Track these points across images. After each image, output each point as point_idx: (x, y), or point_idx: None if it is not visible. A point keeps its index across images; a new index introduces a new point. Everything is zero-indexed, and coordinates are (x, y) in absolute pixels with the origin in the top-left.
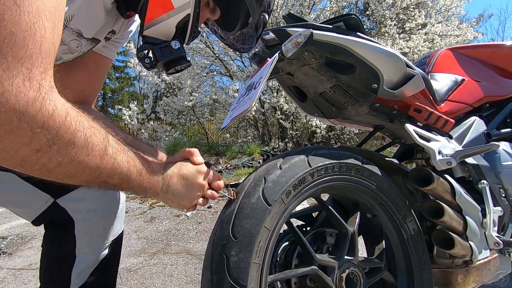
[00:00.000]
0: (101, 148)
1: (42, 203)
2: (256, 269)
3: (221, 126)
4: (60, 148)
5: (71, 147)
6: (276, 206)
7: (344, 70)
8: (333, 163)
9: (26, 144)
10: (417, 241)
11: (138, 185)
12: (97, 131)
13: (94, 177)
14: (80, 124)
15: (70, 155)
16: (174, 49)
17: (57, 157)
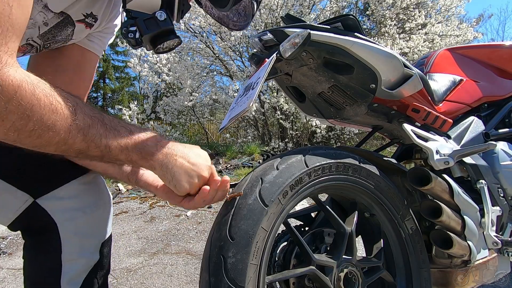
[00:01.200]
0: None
1: (20, 203)
2: (254, 270)
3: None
4: (14, 122)
5: (25, 123)
6: (273, 206)
7: (342, 71)
8: (330, 163)
9: None
10: (415, 241)
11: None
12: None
13: (64, 149)
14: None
15: (26, 129)
16: (160, 21)
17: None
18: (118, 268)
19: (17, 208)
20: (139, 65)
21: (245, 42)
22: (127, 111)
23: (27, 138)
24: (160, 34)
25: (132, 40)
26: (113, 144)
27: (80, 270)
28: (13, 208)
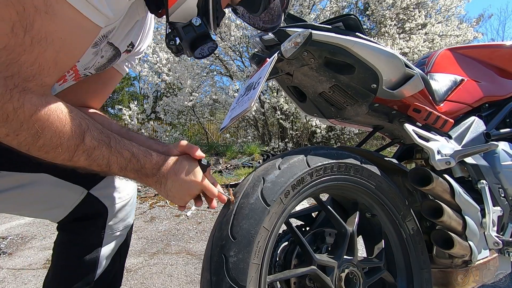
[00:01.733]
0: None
1: (77, 196)
2: (255, 270)
3: (220, 126)
4: (27, 138)
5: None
6: (275, 206)
7: (343, 70)
8: (332, 163)
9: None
10: (416, 241)
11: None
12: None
13: (69, 165)
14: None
15: (36, 146)
16: (195, 26)
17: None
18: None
19: (75, 200)
20: (139, 65)
21: (245, 42)
22: (127, 111)
23: (37, 151)
24: (197, 38)
25: (174, 48)
26: (113, 165)
27: (113, 248)
28: (70, 201)
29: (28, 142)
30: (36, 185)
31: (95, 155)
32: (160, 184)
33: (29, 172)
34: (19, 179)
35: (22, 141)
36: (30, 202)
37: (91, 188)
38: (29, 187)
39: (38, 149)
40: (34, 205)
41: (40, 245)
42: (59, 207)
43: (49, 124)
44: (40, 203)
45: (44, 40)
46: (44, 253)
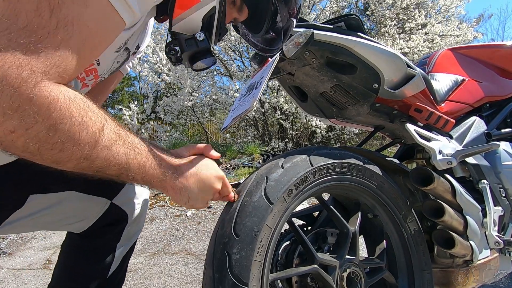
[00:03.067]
0: (91, 139)
1: (101, 207)
2: (258, 267)
3: (221, 126)
4: (38, 133)
5: (52, 135)
6: (278, 204)
7: (345, 70)
8: (334, 163)
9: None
10: (418, 242)
11: (141, 178)
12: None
13: (84, 166)
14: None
15: (50, 142)
16: (198, 41)
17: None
18: None
19: (99, 211)
20: (139, 65)
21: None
22: (127, 111)
23: (49, 150)
24: (198, 52)
25: (173, 57)
26: (132, 161)
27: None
28: (95, 213)
29: (40, 139)
30: (63, 203)
31: (114, 150)
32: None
33: (56, 192)
34: (47, 200)
35: (33, 137)
36: (58, 219)
37: (113, 198)
38: (56, 206)
39: (52, 147)
40: (60, 222)
41: (40, 245)
42: (83, 220)
43: (69, 115)
44: (66, 219)
45: (70, 26)
46: (44, 253)
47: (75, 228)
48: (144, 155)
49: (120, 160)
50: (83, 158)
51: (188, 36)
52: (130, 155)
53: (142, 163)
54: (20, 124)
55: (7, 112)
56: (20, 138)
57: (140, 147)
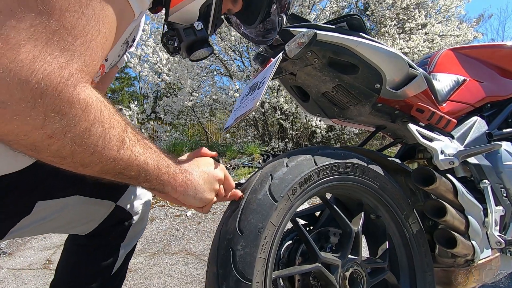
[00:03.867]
0: (118, 139)
1: (106, 210)
2: (262, 264)
3: (221, 126)
4: (74, 137)
5: (87, 137)
6: (283, 202)
7: (347, 70)
8: (338, 163)
9: (37, 128)
10: (420, 244)
11: (155, 177)
12: (117, 122)
13: (109, 168)
14: (100, 114)
15: (85, 145)
16: (197, 30)
17: (70, 145)
18: None
19: (104, 214)
20: (139, 65)
21: (245, 42)
22: (127, 111)
23: (81, 154)
24: (196, 42)
25: (171, 47)
26: (150, 161)
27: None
28: (100, 215)
29: (75, 142)
30: (70, 207)
31: (135, 151)
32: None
33: (62, 198)
34: (54, 205)
35: (69, 141)
36: (64, 223)
37: (118, 200)
38: (63, 211)
39: (84, 150)
40: (67, 225)
41: (40, 245)
42: (88, 222)
43: (101, 117)
44: (73, 222)
45: (96, 22)
46: (44, 253)
47: (81, 231)
48: (157, 154)
49: (140, 160)
50: (111, 160)
51: (186, 26)
52: (147, 155)
53: (156, 162)
54: (59, 128)
55: (49, 116)
56: (57, 142)
57: (152, 146)
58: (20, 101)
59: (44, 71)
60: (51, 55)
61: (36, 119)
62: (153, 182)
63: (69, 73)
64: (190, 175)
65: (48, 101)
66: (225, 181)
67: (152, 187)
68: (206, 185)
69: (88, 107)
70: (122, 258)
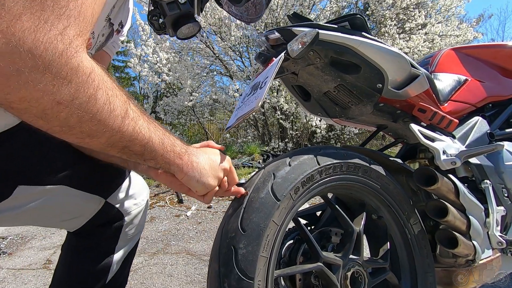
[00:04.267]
0: (122, 109)
1: (95, 205)
2: (264, 263)
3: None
4: (81, 103)
5: (93, 104)
6: (285, 201)
7: (349, 70)
8: (341, 163)
9: (48, 94)
10: (422, 244)
11: (161, 155)
12: (119, 93)
13: (115, 140)
14: (103, 83)
15: (91, 112)
16: (180, 4)
17: (78, 112)
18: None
19: (93, 210)
20: (139, 65)
21: (245, 42)
22: None
23: (88, 122)
24: (181, 16)
25: (156, 23)
26: (154, 137)
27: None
28: (89, 211)
29: (83, 108)
30: (55, 198)
31: (140, 124)
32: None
33: (47, 185)
34: (37, 193)
35: (76, 108)
36: (50, 215)
37: (108, 197)
38: (47, 201)
39: (91, 119)
40: (53, 218)
41: (40, 245)
42: (77, 217)
43: (104, 85)
44: (59, 215)
45: None
46: (44, 253)
47: (69, 226)
48: (161, 131)
49: (144, 134)
50: (116, 130)
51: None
52: (151, 130)
53: (161, 139)
54: (67, 94)
55: (58, 82)
56: (65, 109)
57: (156, 124)
58: (32, 68)
59: (48, 39)
60: (50, 22)
61: (46, 86)
62: (159, 160)
63: (69, 40)
64: (196, 158)
65: (56, 67)
66: (229, 173)
67: (158, 166)
68: (211, 171)
69: (92, 74)
70: (119, 264)
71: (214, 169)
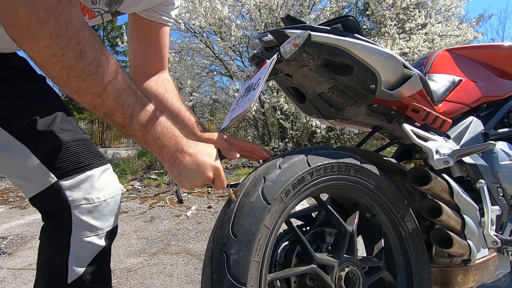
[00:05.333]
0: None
1: (45, 181)
2: (256, 267)
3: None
4: (70, 60)
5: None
6: (276, 205)
7: (342, 71)
8: (332, 163)
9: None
10: (416, 241)
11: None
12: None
13: (96, 103)
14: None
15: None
16: None
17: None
18: (118, 268)
19: (41, 185)
20: None
21: (245, 42)
22: None
23: (74, 78)
24: None
25: None
26: (136, 117)
27: (86, 254)
28: (38, 184)
29: (71, 65)
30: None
31: (123, 99)
32: (175, 160)
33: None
34: None
35: (66, 64)
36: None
37: (61, 179)
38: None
39: (77, 75)
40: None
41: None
42: (27, 183)
43: (92, 46)
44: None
45: None
46: None
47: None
48: (149, 115)
49: (126, 111)
50: (97, 94)
51: None
52: (136, 109)
53: (145, 122)
54: (59, 48)
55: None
56: (57, 63)
57: (148, 108)
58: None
59: None
60: None
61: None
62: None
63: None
64: (183, 157)
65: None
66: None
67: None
68: (190, 174)
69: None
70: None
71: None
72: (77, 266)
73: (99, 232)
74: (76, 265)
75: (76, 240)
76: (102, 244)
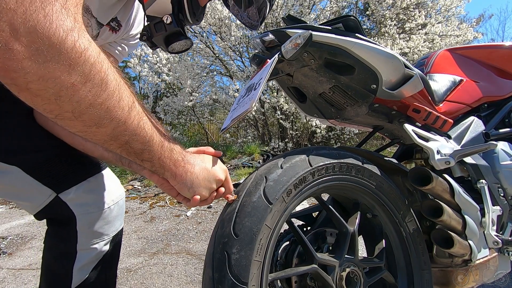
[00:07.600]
0: (129, 100)
1: (45, 197)
2: (257, 267)
3: (221, 127)
4: (93, 87)
5: (104, 88)
6: (277, 204)
7: (343, 71)
8: (333, 163)
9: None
10: (417, 242)
11: (158, 158)
12: (124, 85)
13: (119, 132)
14: (111, 69)
15: (101, 97)
16: (166, 24)
17: (89, 96)
18: (118, 268)
19: (42, 201)
20: (139, 65)
21: (245, 42)
22: None
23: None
24: (170, 35)
25: (148, 43)
26: (155, 138)
27: (91, 259)
28: (38, 201)
29: (93, 93)
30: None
31: (144, 120)
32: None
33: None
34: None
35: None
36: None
37: (60, 192)
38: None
39: (100, 105)
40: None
41: (40, 245)
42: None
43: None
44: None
45: None
46: None
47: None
48: (161, 134)
49: (147, 132)
50: (122, 121)
51: (157, 20)
52: (153, 130)
53: (161, 141)
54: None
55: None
56: (78, 92)
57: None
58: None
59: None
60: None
61: (62, 65)
62: (155, 162)
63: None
64: (192, 167)
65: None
66: (225, 183)
67: (154, 168)
68: (203, 182)
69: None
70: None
71: (207, 180)
72: (82, 271)
73: (105, 238)
74: (81, 270)
75: (82, 248)
76: (106, 249)
